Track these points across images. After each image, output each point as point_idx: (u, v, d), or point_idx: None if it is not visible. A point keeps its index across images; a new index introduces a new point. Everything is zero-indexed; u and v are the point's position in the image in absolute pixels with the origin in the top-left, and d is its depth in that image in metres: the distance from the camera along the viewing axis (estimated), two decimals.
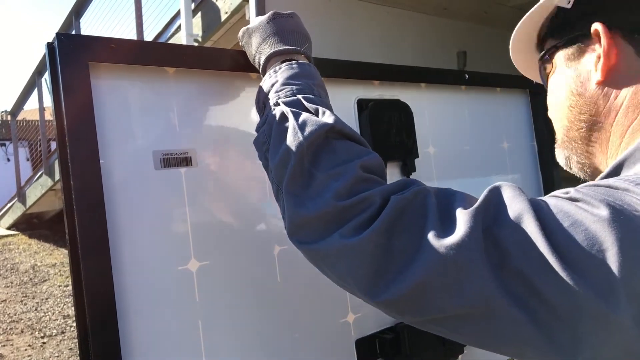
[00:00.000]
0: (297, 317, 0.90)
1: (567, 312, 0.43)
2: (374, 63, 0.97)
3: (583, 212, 0.45)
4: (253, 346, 0.85)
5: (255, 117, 0.90)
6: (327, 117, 0.63)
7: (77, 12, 5.82)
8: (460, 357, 1.09)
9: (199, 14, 3.42)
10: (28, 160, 9.07)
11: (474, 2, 3.06)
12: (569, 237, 0.44)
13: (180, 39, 3.51)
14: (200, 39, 3.42)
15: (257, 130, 0.70)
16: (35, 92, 6.96)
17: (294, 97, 0.67)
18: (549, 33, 0.66)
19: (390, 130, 0.95)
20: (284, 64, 0.72)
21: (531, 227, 0.45)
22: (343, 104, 1.01)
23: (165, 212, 0.78)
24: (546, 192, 1.37)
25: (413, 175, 1.08)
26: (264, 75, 0.75)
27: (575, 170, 0.67)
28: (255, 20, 0.80)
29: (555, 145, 0.69)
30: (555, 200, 0.48)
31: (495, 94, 1.31)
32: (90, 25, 6.03)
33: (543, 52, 0.67)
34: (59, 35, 0.70)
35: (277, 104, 0.67)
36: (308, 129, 0.61)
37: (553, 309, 0.44)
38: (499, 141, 1.29)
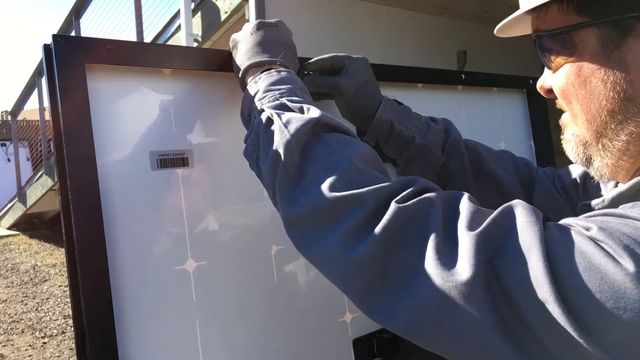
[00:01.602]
0: (294, 317, 0.91)
1: None
2: (370, 63, 0.97)
3: (603, 258, 0.39)
4: (250, 346, 0.85)
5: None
6: (313, 112, 0.62)
7: (77, 12, 5.82)
8: None
9: (199, 13, 3.42)
10: (28, 160, 9.08)
11: (474, 1, 3.05)
12: (582, 285, 0.38)
13: (180, 38, 3.51)
14: (200, 39, 3.42)
15: (245, 142, 0.70)
16: (36, 92, 6.96)
17: (278, 101, 0.66)
18: (574, 3, 0.52)
19: None
20: (263, 74, 0.72)
21: (538, 267, 0.40)
22: None
23: (162, 212, 0.79)
24: None
25: None
26: (244, 89, 0.75)
27: (592, 172, 0.58)
28: (243, 29, 0.80)
29: (571, 139, 0.58)
30: (574, 235, 0.42)
31: (492, 93, 1.31)
32: (90, 26, 6.03)
33: (561, 30, 0.53)
34: (55, 36, 0.70)
35: (261, 111, 0.66)
36: (294, 125, 0.59)
37: None
38: (496, 141, 1.29)
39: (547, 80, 0.59)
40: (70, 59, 0.70)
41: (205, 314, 0.81)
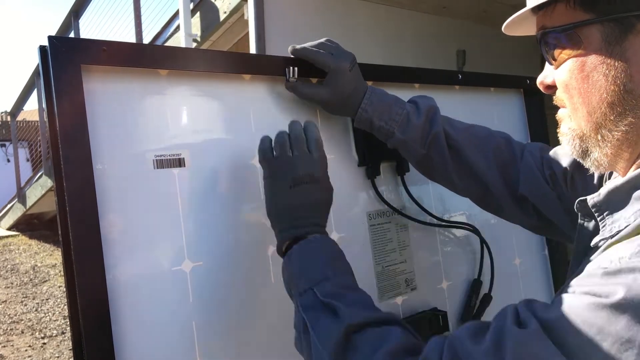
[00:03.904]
0: (291, 317, 0.90)
1: None
2: (367, 64, 0.98)
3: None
4: (247, 347, 0.85)
5: (245, 123, 0.90)
6: (343, 315, 0.65)
7: (76, 12, 5.82)
8: None
9: (198, 13, 3.42)
10: (28, 160, 9.07)
11: (473, 1, 3.05)
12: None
13: (179, 38, 3.51)
14: (199, 39, 3.42)
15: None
16: (35, 92, 6.96)
17: (310, 297, 0.70)
18: (582, 2, 0.54)
19: None
20: (295, 246, 0.75)
21: None
22: None
23: (158, 213, 0.79)
24: None
25: (407, 176, 1.08)
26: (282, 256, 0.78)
27: (589, 164, 0.60)
28: (282, 161, 0.79)
29: (567, 132, 0.60)
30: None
31: (489, 93, 1.31)
32: (89, 26, 6.03)
33: (567, 26, 0.56)
34: (50, 38, 0.70)
35: (298, 305, 0.72)
36: (327, 342, 0.63)
37: None
38: None
39: (548, 76, 0.62)
40: (66, 60, 0.70)
41: (202, 314, 0.81)
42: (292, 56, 0.91)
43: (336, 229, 0.98)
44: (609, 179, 0.69)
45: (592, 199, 0.58)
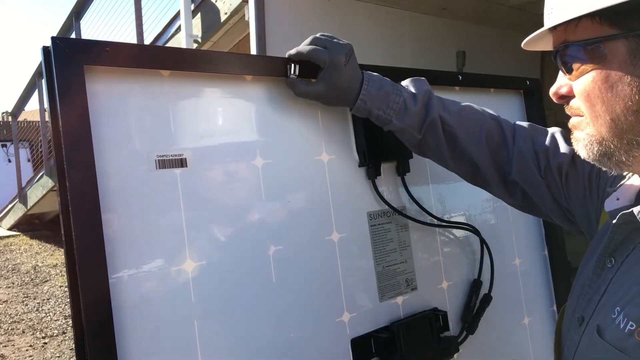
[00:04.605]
0: (293, 316, 0.91)
1: None
2: (367, 65, 0.98)
3: None
4: (249, 346, 0.86)
5: (246, 123, 0.91)
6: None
7: (77, 13, 5.82)
8: (456, 356, 1.10)
9: (199, 14, 3.43)
10: (29, 161, 9.08)
11: (473, 2, 3.06)
12: None
13: (180, 39, 3.51)
14: (199, 40, 3.42)
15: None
16: (36, 93, 6.97)
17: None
18: (603, 15, 0.57)
19: (384, 131, 0.96)
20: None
21: None
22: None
23: (160, 213, 0.79)
24: None
25: (408, 176, 1.09)
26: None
27: (609, 165, 0.63)
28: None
29: (584, 138, 0.63)
30: None
31: (489, 95, 1.32)
32: (90, 27, 6.03)
33: (594, 39, 0.58)
34: (54, 39, 0.71)
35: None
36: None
37: None
38: None
39: (563, 86, 0.64)
40: (69, 61, 0.71)
41: (204, 314, 0.81)
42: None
43: (337, 229, 0.98)
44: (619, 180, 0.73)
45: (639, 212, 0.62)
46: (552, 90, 0.66)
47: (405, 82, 0.97)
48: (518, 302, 1.30)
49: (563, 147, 0.88)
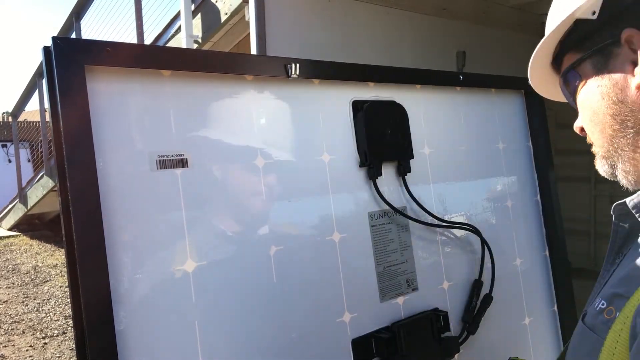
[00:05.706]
0: (294, 317, 0.91)
1: None
2: (368, 65, 0.98)
3: None
4: (249, 346, 0.85)
5: (247, 123, 0.91)
6: None
7: (78, 13, 5.83)
8: (456, 356, 1.10)
9: (199, 15, 3.43)
10: (29, 161, 9.07)
11: (473, 2, 3.06)
12: None
13: (181, 40, 3.51)
14: (200, 40, 3.42)
15: None
16: (36, 93, 6.97)
17: None
18: (569, 47, 0.67)
19: (385, 131, 0.96)
20: None
21: None
22: (339, 105, 1.02)
23: (161, 213, 0.79)
24: (541, 192, 1.37)
25: (408, 177, 1.09)
26: None
27: (620, 178, 0.66)
28: None
29: (597, 158, 0.69)
30: None
31: (490, 94, 1.31)
32: (91, 27, 6.04)
33: (567, 68, 0.68)
34: (54, 39, 0.70)
35: None
36: None
37: None
38: (494, 142, 1.30)
39: (578, 120, 0.71)
40: (69, 61, 0.71)
41: (205, 314, 0.81)
42: (293, 56, 0.91)
43: (338, 229, 0.98)
44: None
45: (631, 200, 0.63)
46: (575, 127, 0.73)
47: None
48: (519, 302, 1.30)
49: None
